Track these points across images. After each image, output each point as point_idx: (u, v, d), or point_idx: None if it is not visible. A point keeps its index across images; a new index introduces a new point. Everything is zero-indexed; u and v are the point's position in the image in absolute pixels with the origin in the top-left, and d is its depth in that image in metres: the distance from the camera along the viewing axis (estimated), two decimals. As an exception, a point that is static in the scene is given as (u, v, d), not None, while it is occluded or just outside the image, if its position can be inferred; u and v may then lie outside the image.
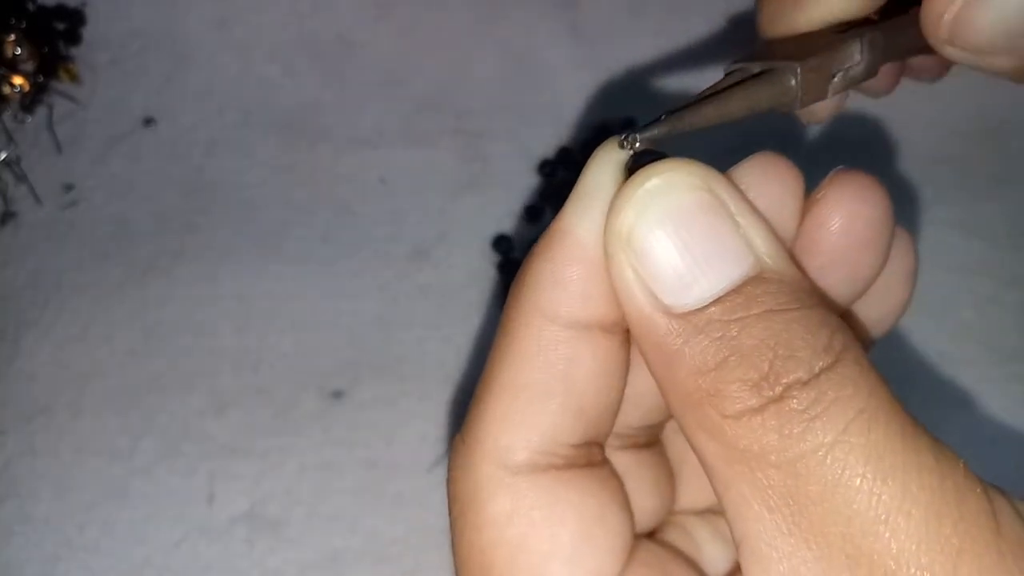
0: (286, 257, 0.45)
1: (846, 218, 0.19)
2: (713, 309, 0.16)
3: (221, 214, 0.46)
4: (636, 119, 0.48)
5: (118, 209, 0.46)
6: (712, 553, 0.22)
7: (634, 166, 0.17)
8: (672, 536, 0.22)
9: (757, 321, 0.16)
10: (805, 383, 0.15)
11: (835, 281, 0.19)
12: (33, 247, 0.45)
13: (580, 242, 0.18)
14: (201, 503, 0.40)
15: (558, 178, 0.47)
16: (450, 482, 0.19)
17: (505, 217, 0.46)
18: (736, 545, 0.16)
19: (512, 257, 0.45)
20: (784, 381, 0.15)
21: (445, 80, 0.49)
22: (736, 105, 0.19)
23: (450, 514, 0.19)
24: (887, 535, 0.14)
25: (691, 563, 0.21)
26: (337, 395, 0.42)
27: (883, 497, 0.14)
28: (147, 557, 0.39)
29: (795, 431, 0.15)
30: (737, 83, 0.20)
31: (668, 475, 0.22)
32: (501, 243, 0.45)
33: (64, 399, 0.42)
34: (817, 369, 0.15)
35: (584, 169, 0.18)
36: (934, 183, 0.45)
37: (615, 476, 0.19)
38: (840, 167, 0.19)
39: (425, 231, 0.46)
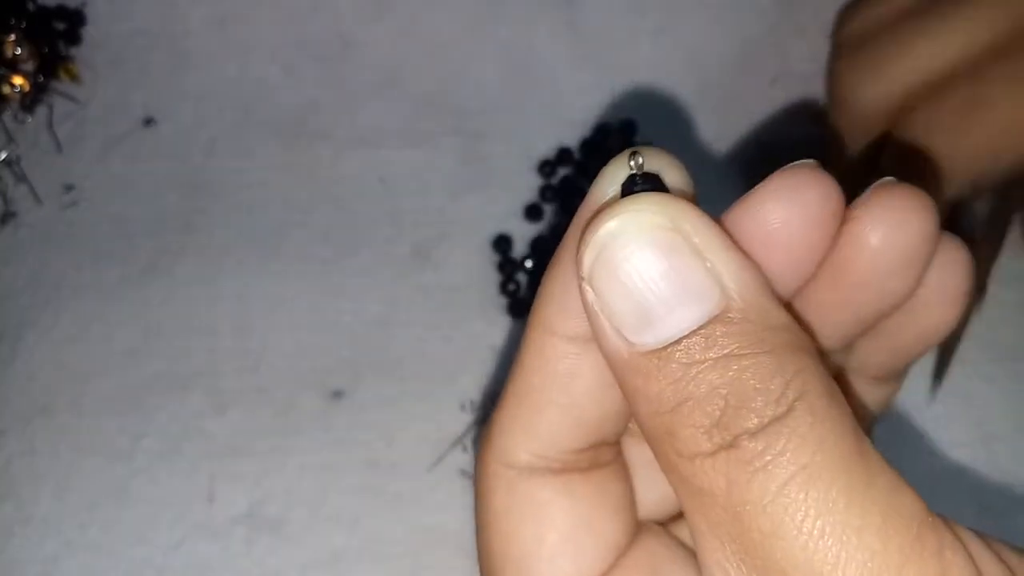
0: (286, 257, 0.45)
1: (886, 232, 0.17)
2: (672, 350, 0.16)
3: (221, 214, 0.46)
4: (636, 119, 0.48)
5: (118, 209, 0.46)
6: None
7: (626, 191, 0.17)
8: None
9: (713, 367, 0.16)
10: (753, 434, 0.15)
11: (866, 299, 0.19)
12: (33, 247, 0.45)
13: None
14: (201, 503, 0.40)
15: (558, 178, 0.47)
16: (474, 471, 0.21)
17: (505, 217, 0.46)
18: (698, 560, 0.16)
19: (512, 257, 0.45)
20: (733, 431, 0.15)
21: (445, 80, 0.49)
22: None
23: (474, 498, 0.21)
24: None
25: (692, 559, 0.21)
26: (337, 395, 0.42)
27: (818, 555, 0.15)
28: (147, 557, 0.39)
29: (741, 479, 0.15)
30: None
31: None
32: (501, 243, 0.45)
33: (64, 399, 0.42)
34: (767, 419, 0.15)
35: (591, 186, 0.18)
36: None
37: (619, 478, 0.20)
38: (885, 179, 0.18)
39: (425, 231, 0.46)
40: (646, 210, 0.16)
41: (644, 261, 0.16)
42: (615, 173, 0.18)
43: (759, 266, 0.17)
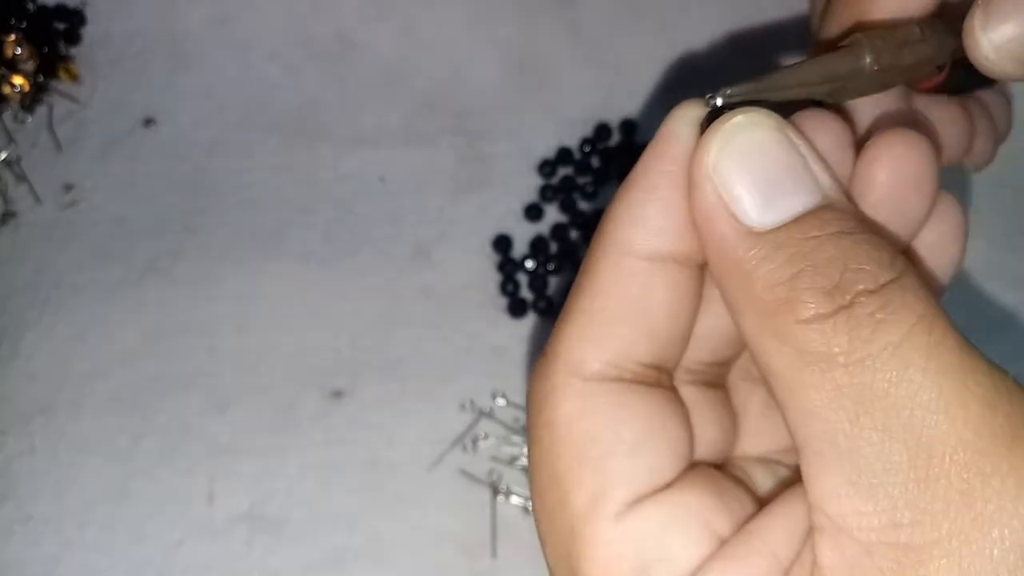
0: (286, 257, 0.45)
1: (894, 163, 0.20)
2: (790, 227, 0.18)
3: (221, 214, 0.46)
4: (636, 119, 0.48)
5: (118, 209, 0.46)
6: (767, 490, 0.23)
7: (710, 119, 0.19)
8: (730, 473, 0.23)
9: (829, 240, 0.17)
10: (872, 292, 0.17)
11: (884, 222, 0.21)
12: (33, 247, 0.45)
13: (655, 184, 0.20)
14: (201, 503, 0.40)
15: (558, 178, 0.47)
16: (529, 391, 0.21)
17: (505, 217, 0.46)
18: (799, 451, 0.18)
19: (512, 257, 0.45)
20: (854, 289, 0.17)
21: (445, 80, 0.49)
22: (813, 72, 0.21)
23: (528, 419, 0.21)
24: (946, 425, 0.16)
25: (745, 487, 0.22)
26: (337, 395, 0.42)
27: (944, 390, 0.16)
28: (147, 557, 0.39)
29: (863, 333, 0.17)
30: (811, 58, 0.21)
31: (731, 417, 0.24)
32: (501, 243, 0.45)
33: (64, 399, 0.42)
34: (883, 281, 0.17)
35: (663, 123, 0.20)
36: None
37: (680, 400, 0.21)
38: (884, 131, 0.21)
39: (425, 231, 0.46)
40: (762, 113, 0.19)
41: (771, 144, 0.18)
42: (685, 115, 0.20)
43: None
